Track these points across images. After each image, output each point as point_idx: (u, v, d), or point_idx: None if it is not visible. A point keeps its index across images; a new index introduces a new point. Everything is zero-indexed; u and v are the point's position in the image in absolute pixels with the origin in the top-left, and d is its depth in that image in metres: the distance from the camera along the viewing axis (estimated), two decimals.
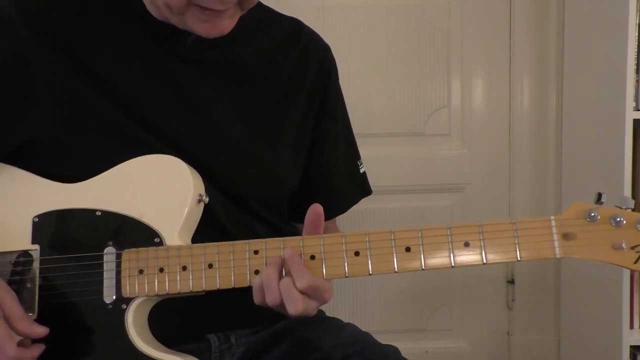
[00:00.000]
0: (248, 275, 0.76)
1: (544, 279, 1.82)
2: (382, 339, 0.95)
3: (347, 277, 0.75)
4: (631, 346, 1.40)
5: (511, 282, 1.82)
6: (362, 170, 1.05)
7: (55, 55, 0.81)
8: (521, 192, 1.79)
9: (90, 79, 0.82)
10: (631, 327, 1.41)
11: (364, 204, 1.08)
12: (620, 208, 0.73)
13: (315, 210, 0.77)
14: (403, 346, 0.94)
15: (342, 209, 1.04)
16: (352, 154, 1.05)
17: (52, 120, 0.81)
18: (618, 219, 0.72)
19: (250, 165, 0.89)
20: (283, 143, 0.92)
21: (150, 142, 0.82)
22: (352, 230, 1.03)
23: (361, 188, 1.06)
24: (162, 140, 0.83)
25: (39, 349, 0.75)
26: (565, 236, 0.73)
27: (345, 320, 1.01)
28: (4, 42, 0.80)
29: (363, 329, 0.99)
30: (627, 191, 1.36)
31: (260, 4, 0.96)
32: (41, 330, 0.74)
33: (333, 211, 1.02)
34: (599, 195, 0.73)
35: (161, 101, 0.85)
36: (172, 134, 0.84)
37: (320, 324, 0.96)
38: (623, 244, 0.72)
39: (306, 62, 0.96)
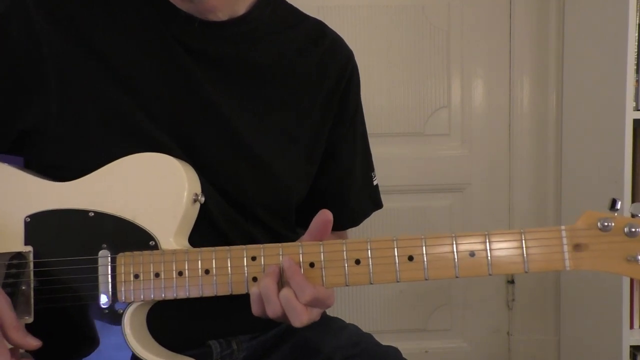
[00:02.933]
0: (246, 282, 0.73)
1: (544, 279, 1.82)
2: (382, 339, 0.95)
3: (347, 286, 0.72)
4: (631, 346, 1.40)
5: (511, 282, 1.82)
6: (375, 183, 1.02)
7: (67, 41, 0.80)
8: (521, 192, 1.79)
9: (100, 68, 0.81)
10: (631, 327, 1.41)
11: None
12: (636, 216, 0.68)
13: (326, 216, 0.72)
14: (403, 346, 0.94)
15: (354, 222, 1.00)
16: (368, 164, 1.01)
17: (57, 106, 0.79)
18: (633, 229, 0.67)
19: (254, 165, 0.86)
20: (293, 144, 0.90)
21: (155, 135, 0.81)
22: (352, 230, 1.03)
23: (374, 201, 1.02)
24: (165, 133, 0.81)
25: None
26: (577, 247, 0.69)
27: (346, 320, 1.00)
28: (16, 25, 0.79)
29: (363, 329, 0.98)
30: (627, 191, 1.36)
31: (286, 3, 0.94)
32: (35, 343, 0.71)
33: (344, 221, 0.98)
34: (613, 201, 0.67)
35: (171, 96, 0.83)
36: (177, 128, 0.82)
37: (321, 325, 0.93)
38: (638, 256, 0.67)
39: (327, 66, 0.93)
